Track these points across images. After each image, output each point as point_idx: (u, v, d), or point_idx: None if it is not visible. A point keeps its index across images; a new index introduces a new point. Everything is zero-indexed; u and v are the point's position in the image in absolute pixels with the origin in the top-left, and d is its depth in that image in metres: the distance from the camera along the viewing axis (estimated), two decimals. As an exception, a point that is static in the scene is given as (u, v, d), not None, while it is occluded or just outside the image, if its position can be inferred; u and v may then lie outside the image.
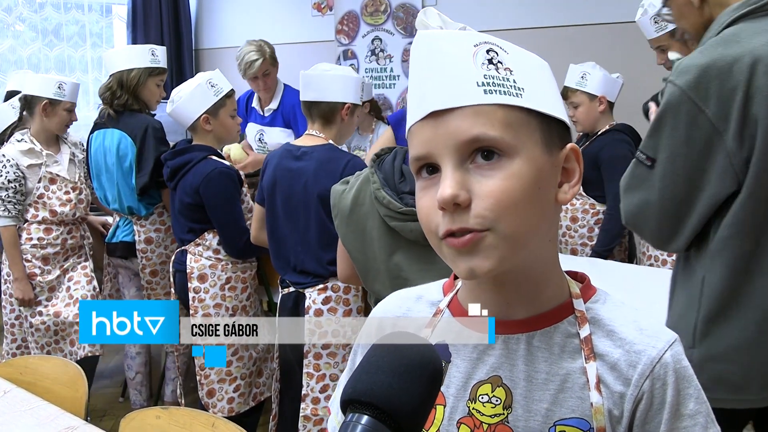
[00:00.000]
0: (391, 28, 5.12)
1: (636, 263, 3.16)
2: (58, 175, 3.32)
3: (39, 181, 3.26)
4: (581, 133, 3.32)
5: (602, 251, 3.06)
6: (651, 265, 2.97)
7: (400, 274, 1.86)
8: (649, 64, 2.98)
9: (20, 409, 1.75)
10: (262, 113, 4.04)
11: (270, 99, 4.04)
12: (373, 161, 1.89)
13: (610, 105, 3.22)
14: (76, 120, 3.39)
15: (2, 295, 3.40)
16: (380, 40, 5.19)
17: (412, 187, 1.79)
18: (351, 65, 5.23)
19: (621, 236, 3.11)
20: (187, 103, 2.83)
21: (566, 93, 3.20)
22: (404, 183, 1.82)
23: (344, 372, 1.08)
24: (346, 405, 0.67)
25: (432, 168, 0.82)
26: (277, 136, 4.00)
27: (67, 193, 3.33)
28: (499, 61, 0.81)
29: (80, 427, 1.65)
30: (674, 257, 2.83)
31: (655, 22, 2.79)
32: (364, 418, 0.64)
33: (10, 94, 3.67)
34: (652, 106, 2.87)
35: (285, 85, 4.07)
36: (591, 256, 3.09)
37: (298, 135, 3.96)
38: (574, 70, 3.21)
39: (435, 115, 0.80)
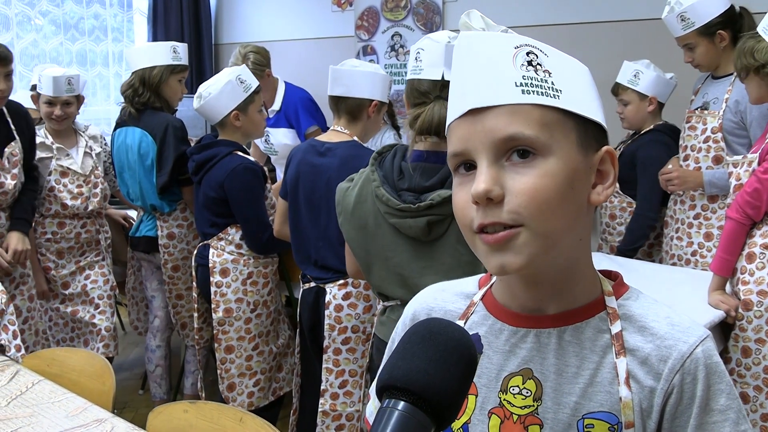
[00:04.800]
0: (411, 24, 5.10)
1: (660, 262, 3.15)
2: (69, 169, 3.34)
3: (50, 174, 3.28)
4: (631, 132, 3.30)
5: (625, 250, 3.05)
6: (674, 264, 2.96)
7: (401, 270, 1.87)
8: (680, 60, 2.94)
9: (49, 400, 1.76)
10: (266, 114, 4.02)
11: (271, 101, 4.00)
12: (374, 159, 1.92)
13: (660, 105, 3.18)
14: (62, 115, 3.31)
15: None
16: (400, 35, 5.17)
17: (410, 184, 1.81)
18: (370, 61, 5.21)
19: (646, 237, 3.10)
20: (217, 99, 2.83)
21: (617, 89, 3.19)
22: (402, 180, 1.83)
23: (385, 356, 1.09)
24: (383, 391, 0.67)
25: (469, 165, 0.84)
26: (283, 137, 3.98)
27: (79, 186, 3.35)
28: (538, 63, 0.83)
29: (109, 420, 1.65)
30: (696, 257, 2.84)
31: (682, 20, 2.76)
32: (401, 404, 0.65)
33: (33, 88, 3.69)
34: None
35: (286, 83, 4.04)
36: (616, 254, 3.08)
37: (299, 134, 3.96)
38: (628, 68, 3.17)
39: (473, 112, 0.82)
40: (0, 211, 2.98)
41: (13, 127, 2.96)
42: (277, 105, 4.00)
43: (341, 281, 2.54)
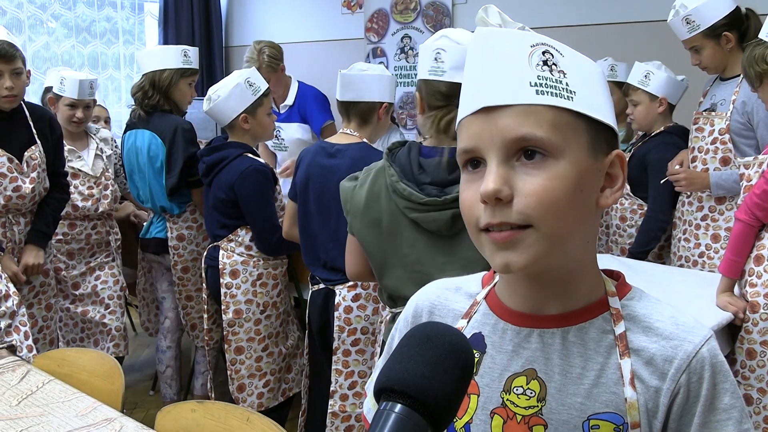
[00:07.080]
0: (421, 26, 5.11)
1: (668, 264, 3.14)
2: (80, 171, 3.39)
3: None
4: (641, 133, 3.29)
5: (637, 252, 3.04)
6: (681, 265, 2.95)
7: (419, 268, 1.84)
8: (690, 62, 2.93)
9: (58, 400, 1.78)
10: (277, 110, 4.02)
11: (283, 97, 4.02)
12: (386, 155, 1.89)
13: (671, 107, 3.16)
14: (83, 118, 3.39)
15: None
16: (410, 38, 5.18)
17: (433, 178, 1.79)
18: (380, 63, 5.23)
19: (657, 239, 3.09)
20: (225, 102, 2.85)
21: (627, 90, 3.18)
22: (424, 174, 1.81)
23: (381, 357, 1.09)
24: (380, 393, 0.68)
25: (478, 162, 0.84)
26: (295, 132, 4.01)
27: (90, 188, 3.39)
28: (553, 63, 0.83)
29: (118, 419, 1.67)
30: (704, 258, 2.83)
31: (687, 23, 2.75)
32: (398, 407, 0.65)
33: (47, 91, 3.73)
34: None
35: (299, 82, 4.06)
36: (627, 256, 3.07)
37: (314, 129, 3.97)
38: (639, 68, 3.15)
39: (486, 110, 0.82)
40: (20, 216, 2.96)
41: (34, 130, 2.96)
42: (290, 100, 4.02)
43: (351, 283, 2.55)
